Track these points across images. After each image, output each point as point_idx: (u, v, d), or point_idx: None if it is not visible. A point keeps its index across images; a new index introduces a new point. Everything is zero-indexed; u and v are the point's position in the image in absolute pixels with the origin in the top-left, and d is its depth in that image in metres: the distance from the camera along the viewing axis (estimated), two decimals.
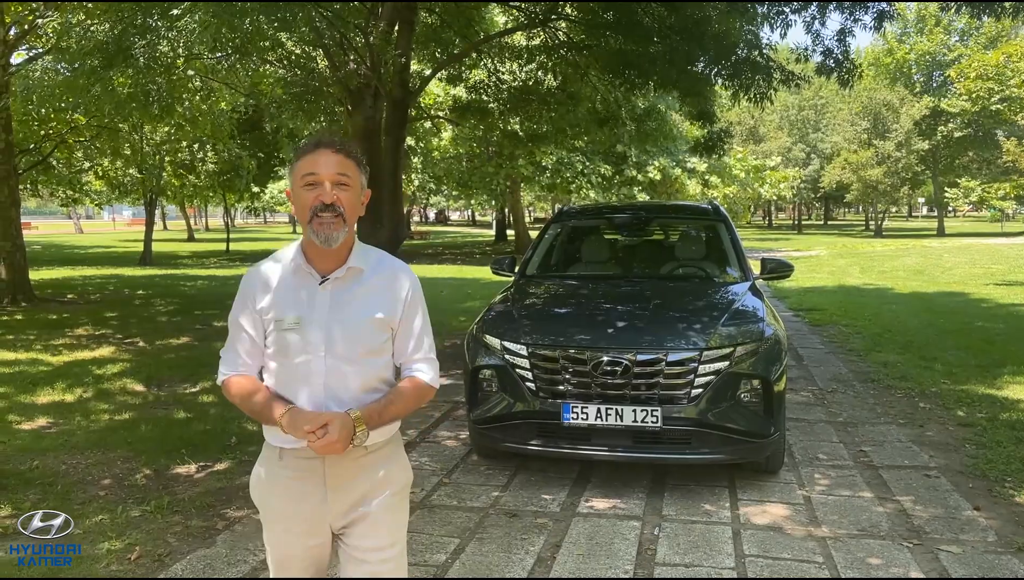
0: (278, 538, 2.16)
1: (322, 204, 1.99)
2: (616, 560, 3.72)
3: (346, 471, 2.08)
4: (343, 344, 2.05)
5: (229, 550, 3.84)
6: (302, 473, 2.08)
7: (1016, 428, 5.81)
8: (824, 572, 3.58)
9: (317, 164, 2.01)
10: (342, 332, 2.05)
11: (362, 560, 2.12)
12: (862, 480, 4.81)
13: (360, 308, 2.08)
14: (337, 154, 2.03)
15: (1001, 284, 16.95)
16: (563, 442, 4.54)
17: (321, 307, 2.06)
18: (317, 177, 2.01)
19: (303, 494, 2.09)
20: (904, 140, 46.79)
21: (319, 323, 2.04)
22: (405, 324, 2.15)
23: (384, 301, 2.11)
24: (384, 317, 2.10)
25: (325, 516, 2.10)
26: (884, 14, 8.76)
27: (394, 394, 2.11)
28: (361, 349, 2.07)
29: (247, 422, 6.14)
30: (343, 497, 2.10)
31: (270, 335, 2.09)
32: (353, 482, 2.10)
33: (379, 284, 2.12)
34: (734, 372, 4.46)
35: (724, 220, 6.35)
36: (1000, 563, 3.66)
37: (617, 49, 9.57)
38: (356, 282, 2.10)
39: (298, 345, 2.04)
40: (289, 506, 2.10)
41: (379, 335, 2.10)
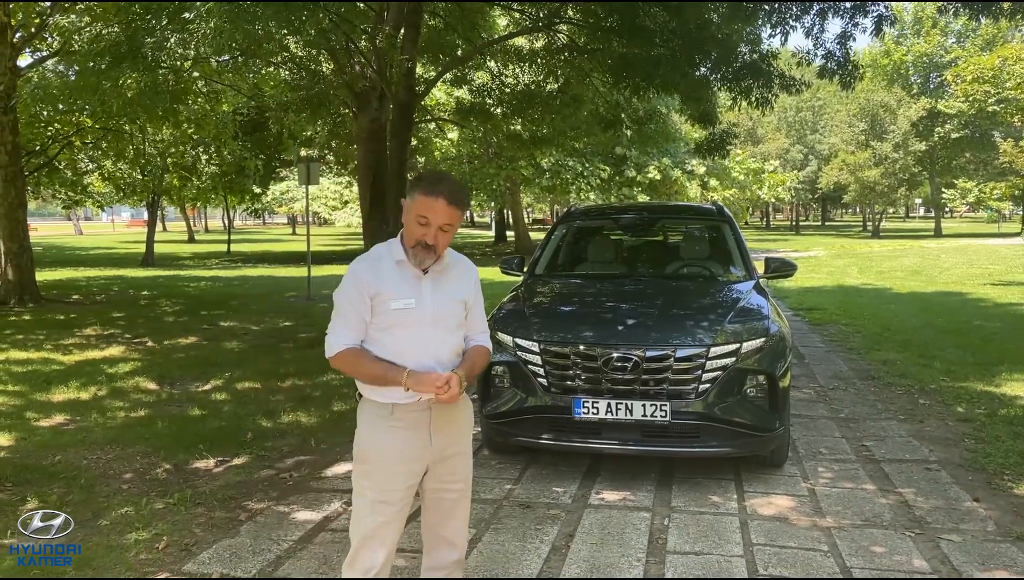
0: (384, 479, 2.62)
1: (426, 243, 2.53)
2: (628, 548, 3.85)
3: (444, 417, 2.66)
4: (442, 319, 2.62)
5: (253, 540, 3.96)
6: (412, 422, 2.61)
7: (1014, 423, 5.95)
8: (830, 560, 3.71)
9: (432, 210, 2.50)
10: (441, 310, 2.62)
11: (452, 490, 2.77)
12: (864, 473, 4.94)
13: (451, 292, 2.66)
14: (449, 207, 2.52)
15: (998, 284, 17.11)
16: (574, 436, 4.66)
17: (427, 291, 2.60)
18: (427, 222, 2.50)
19: (414, 438, 2.62)
20: (901, 141, 47.00)
21: (427, 304, 2.59)
22: (474, 304, 2.77)
23: (463, 286, 2.72)
24: (464, 298, 2.71)
25: (426, 455, 2.65)
26: (883, 18, 8.90)
27: (475, 357, 2.73)
28: (453, 323, 2.66)
29: (261, 419, 6.28)
30: (443, 437, 2.67)
31: (380, 314, 2.58)
32: (450, 425, 2.69)
33: (458, 273, 2.72)
34: (740, 368, 4.60)
35: (728, 220, 6.49)
36: (999, 551, 3.79)
37: (620, 53, 9.70)
38: (445, 272, 2.66)
39: (412, 321, 2.57)
40: (402, 449, 2.61)
41: (462, 312, 2.70)
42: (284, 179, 29.27)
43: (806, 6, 9.24)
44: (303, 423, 6.19)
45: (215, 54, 7.88)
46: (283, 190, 29.78)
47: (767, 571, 3.59)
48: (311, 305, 14.27)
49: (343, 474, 5.01)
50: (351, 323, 2.60)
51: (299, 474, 5.02)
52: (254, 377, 7.89)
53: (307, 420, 6.27)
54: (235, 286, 18.71)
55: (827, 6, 9.33)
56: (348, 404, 6.77)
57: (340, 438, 5.81)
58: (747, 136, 55.41)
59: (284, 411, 6.49)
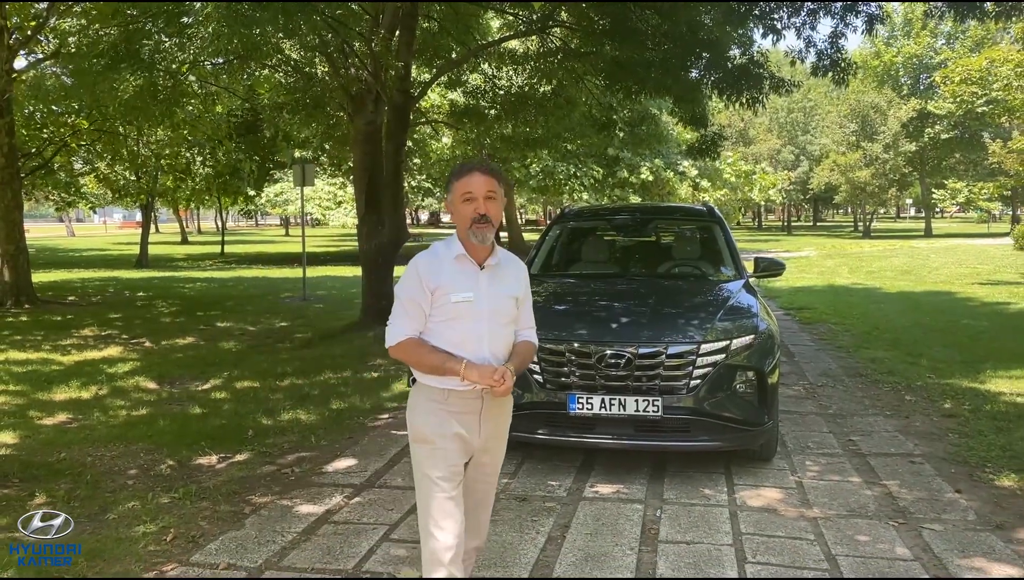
0: (445, 456, 2.76)
1: (479, 215, 2.67)
2: (622, 538, 3.98)
3: (493, 408, 2.83)
4: (497, 314, 2.77)
5: (258, 532, 4.08)
6: (466, 409, 2.76)
7: (997, 418, 6.11)
8: (815, 548, 3.85)
9: (472, 184, 2.68)
10: (497, 305, 2.77)
11: (489, 474, 3.00)
12: (851, 466, 5.09)
13: (505, 288, 2.81)
14: (485, 175, 2.69)
15: (986, 283, 17.32)
16: (569, 431, 4.79)
17: (484, 287, 2.74)
18: (472, 194, 2.67)
19: (466, 424, 2.78)
20: (892, 142, 47.33)
21: (485, 298, 2.73)
22: (524, 301, 2.92)
23: (516, 283, 2.86)
24: (516, 295, 2.84)
25: (475, 441, 2.81)
26: (874, 17, 9.06)
27: (524, 352, 2.88)
28: (507, 318, 2.81)
29: (261, 417, 6.38)
30: (490, 426, 2.85)
31: (440, 307, 2.70)
32: (497, 416, 2.87)
33: (511, 271, 2.87)
34: (730, 364, 4.74)
35: (719, 221, 6.63)
36: (979, 539, 3.94)
37: (612, 56, 9.84)
38: (499, 269, 2.81)
39: (470, 314, 2.71)
40: (456, 433, 2.76)
41: (514, 308, 2.85)
42: (279, 181, 29.31)
43: (796, 7, 9.39)
44: (303, 421, 6.30)
45: (212, 57, 7.96)
46: (277, 192, 29.83)
47: (755, 558, 3.73)
48: (306, 306, 14.37)
49: (343, 469, 5.13)
50: (412, 315, 2.73)
51: (300, 469, 5.13)
52: (252, 376, 7.99)
53: (307, 418, 6.38)
54: (230, 287, 18.78)
55: (818, 6, 9.49)
56: (346, 402, 6.88)
57: (339, 435, 5.94)
58: (739, 137, 55.68)
59: (284, 409, 6.60)
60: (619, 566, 3.67)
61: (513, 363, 2.78)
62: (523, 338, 2.92)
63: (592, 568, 3.65)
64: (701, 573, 3.59)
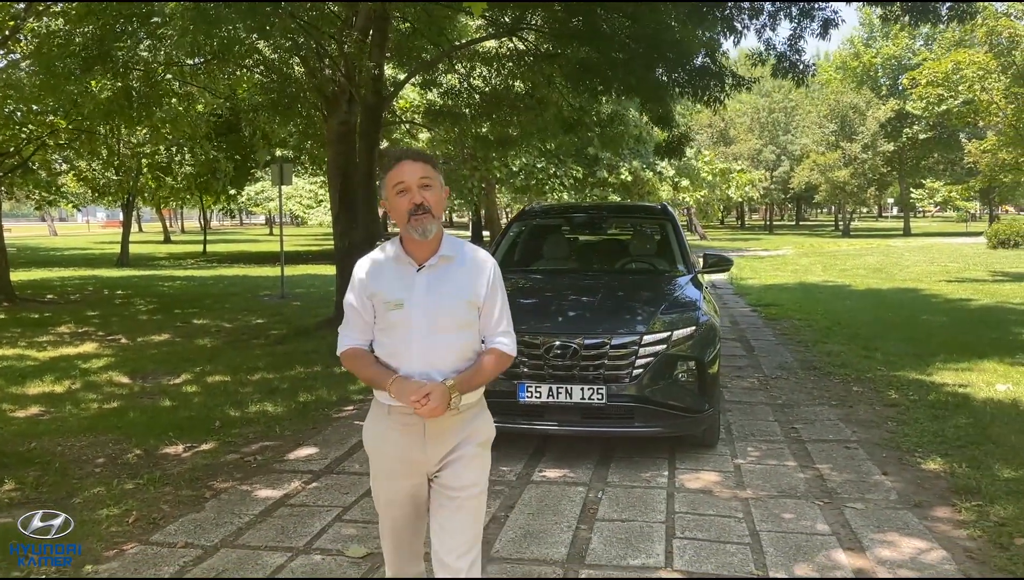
0: (386, 482, 2.59)
1: (414, 205, 2.42)
2: (562, 517, 4.22)
3: (441, 426, 2.47)
4: (439, 322, 2.45)
5: (217, 514, 4.29)
6: (407, 427, 2.49)
7: (935, 407, 6.39)
8: (741, 525, 4.09)
9: (403, 174, 2.45)
10: (437, 311, 2.45)
11: (452, 497, 2.52)
12: (789, 452, 5.35)
13: (452, 290, 2.48)
14: (416, 162, 2.47)
15: (953, 281, 17.70)
16: (519, 418, 5.03)
17: (419, 290, 2.46)
18: (405, 185, 2.44)
19: (407, 444, 2.50)
20: (870, 142, 47.86)
21: (418, 304, 2.45)
22: (489, 303, 2.53)
23: (471, 284, 2.51)
24: (471, 298, 2.49)
25: (423, 462, 2.51)
26: (829, 22, 9.34)
27: (483, 363, 2.52)
28: (455, 326, 2.47)
29: (230, 409, 6.58)
30: (438, 447, 2.50)
31: (379, 314, 2.51)
32: (447, 435, 2.50)
33: (468, 269, 2.52)
34: (671, 354, 4.99)
35: (671, 219, 6.89)
36: (896, 516, 4.20)
37: (580, 57, 10.08)
38: (447, 267, 2.50)
39: (402, 323, 2.45)
40: (396, 453, 2.53)
41: (469, 313, 2.50)
42: (259, 180, 29.43)
43: (756, 10, 9.66)
44: (269, 412, 6.50)
45: (186, 57, 8.13)
46: (258, 190, 29.92)
47: (683, 534, 3.97)
48: (284, 303, 14.54)
49: (304, 457, 5.34)
50: (353, 323, 2.56)
51: (263, 457, 5.34)
52: (224, 371, 8.18)
53: (273, 410, 6.58)
54: (210, 285, 18.91)
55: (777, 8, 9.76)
56: (314, 395, 7.08)
57: (304, 425, 6.15)
58: (719, 137, 56.11)
59: (252, 402, 6.80)
60: (555, 542, 3.91)
61: (461, 378, 2.44)
62: (492, 345, 2.56)
63: (530, 544, 3.89)
64: (631, 547, 3.83)
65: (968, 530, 4.00)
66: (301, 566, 3.66)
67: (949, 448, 5.31)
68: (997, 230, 30.06)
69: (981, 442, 5.37)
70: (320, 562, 3.71)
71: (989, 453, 5.13)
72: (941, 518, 4.17)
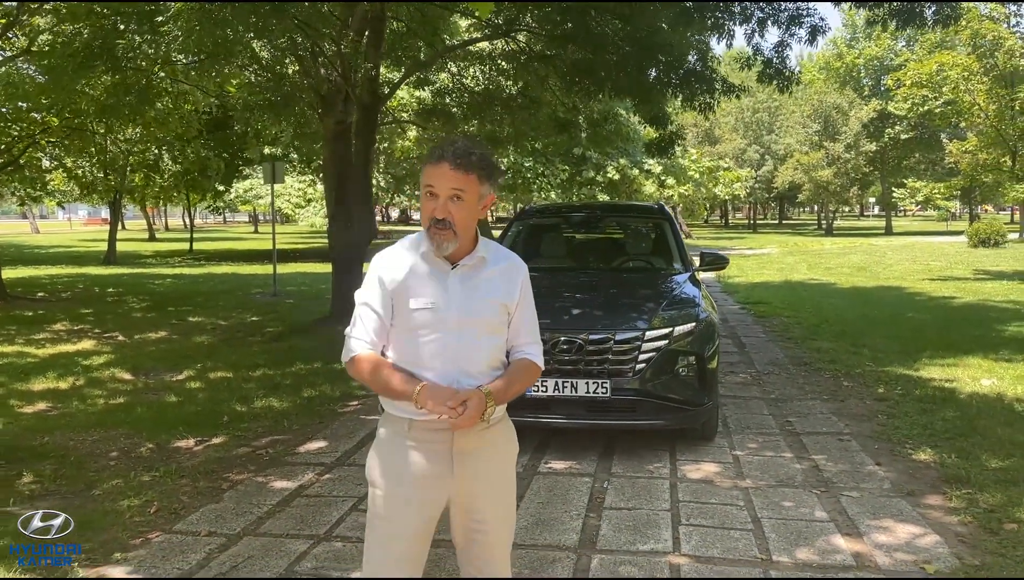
0: (396, 508, 2.28)
1: (436, 219, 2.21)
2: (571, 506, 4.38)
3: (470, 441, 2.26)
4: (471, 324, 2.25)
5: (236, 504, 4.42)
6: (432, 444, 2.25)
7: (923, 401, 6.60)
8: (744, 513, 4.27)
9: (436, 177, 2.20)
10: (471, 314, 2.26)
11: (486, 531, 2.36)
12: (785, 444, 5.54)
13: (486, 292, 2.29)
14: (455, 170, 2.19)
15: (936, 279, 18.03)
16: (526, 411, 5.16)
17: (453, 291, 2.26)
18: (434, 190, 2.21)
19: (432, 463, 2.26)
20: (853, 142, 48.43)
21: (453, 305, 2.24)
22: (520, 309, 2.36)
23: (504, 288, 2.33)
24: (504, 301, 2.32)
25: (448, 484, 2.28)
26: (817, 29, 9.55)
27: (516, 373, 2.33)
28: (487, 329, 2.28)
29: (236, 404, 6.69)
30: (467, 466, 2.28)
31: (400, 315, 2.26)
32: (476, 452, 2.29)
33: (500, 272, 2.33)
34: (673, 350, 5.16)
35: (668, 218, 7.07)
36: (890, 504, 4.39)
37: (574, 59, 10.24)
38: (481, 269, 2.30)
39: (433, 325, 2.23)
40: (417, 475, 2.26)
41: (501, 317, 2.32)
42: (248, 177, 29.39)
43: (746, 15, 9.85)
44: (275, 407, 6.61)
45: (185, 56, 8.21)
46: (247, 188, 29.91)
47: (689, 521, 4.14)
48: (277, 301, 14.61)
49: (315, 450, 5.47)
50: (369, 325, 2.27)
51: (274, 451, 5.46)
52: (225, 368, 8.28)
53: (279, 405, 6.69)
54: (200, 283, 18.93)
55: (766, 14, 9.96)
56: (317, 390, 7.20)
57: (310, 420, 6.27)
58: (704, 136, 56.53)
59: (257, 397, 6.90)
60: (566, 529, 4.07)
61: (497, 386, 2.23)
62: (521, 356, 2.37)
63: (542, 531, 4.04)
64: (639, 534, 3.99)
65: (959, 516, 4.19)
66: (324, 552, 3.80)
67: (938, 440, 5.51)
68: (978, 229, 30.52)
69: (969, 434, 5.58)
70: (342, 548, 3.85)
71: (977, 444, 5.34)
72: (933, 505, 4.36)
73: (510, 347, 2.38)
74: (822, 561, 3.69)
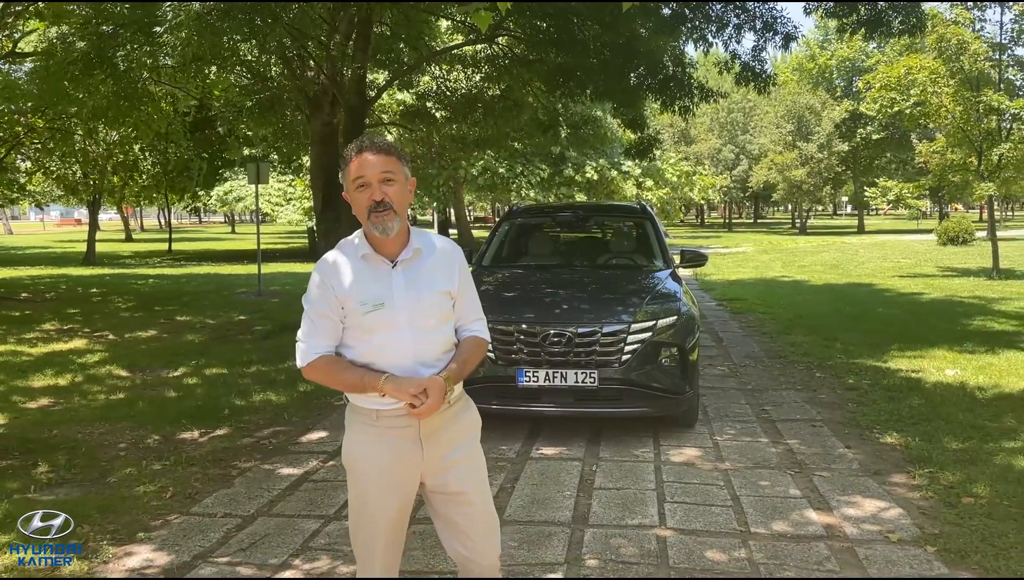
0: (377, 496, 2.42)
1: (374, 202, 2.31)
2: (563, 487, 4.68)
3: (435, 423, 2.40)
4: (422, 316, 2.37)
5: (247, 489, 4.67)
6: (399, 430, 2.39)
7: (891, 390, 6.98)
8: (724, 492, 4.59)
9: (363, 167, 2.32)
10: (420, 306, 2.37)
11: (461, 501, 2.49)
12: (761, 430, 5.88)
13: (429, 283, 2.41)
14: (378, 155, 2.32)
15: (905, 276, 18.57)
16: (518, 401, 5.48)
17: (398, 287, 2.37)
18: (365, 179, 2.31)
19: (402, 448, 2.40)
20: (826, 142, 49.26)
21: (400, 301, 2.36)
22: (462, 291, 2.50)
23: (445, 275, 2.45)
24: (448, 289, 2.45)
25: (419, 466, 2.42)
26: (790, 36, 9.95)
27: (467, 351, 2.48)
28: (435, 318, 2.41)
29: (234, 398, 6.92)
30: (435, 447, 2.42)
31: (351, 317, 2.36)
32: (442, 432, 2.44)
33: (437, 261, 2.45)
34: (656, 341, 5.48)
35: (650, 218, 7.40)
36: (858, 482, 4.73)
37: (556, 63, 10.56)
38: (419, 261, 2.42)
39: (384, 323, 2.34)
40: (390, 461, 2.40)
41: (447, 304, 2.45)
42: (228, 179, 29.43)
43: (722, 23, 10.23)
44: (273, 401, 6.86)
45: (181, 63, 8.41)
46: (227, 190, 29.94)
47: (673, 499, 4.46)
48: (263, 301, 14.78)
49: (316, 440, 5.73)
50: (321, 329, 2.37)
51: (277, 441, 5.71)
52: (220, 364, 8.49)
53: (277, 398, 6.94)
54: (183, 283, 19.03)
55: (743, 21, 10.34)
56: (312, 385, 7.42)
57: (309, 413, 6.52)
58: (680, 136, 57.17)
59: (254, 392, 7.14)
60: (560, 507, 4.37)
61: (452, 369, 2.38)
62: (468, 334, 2.54)
63: (538, 509, 4.34)
64: (628, 510, 4.30)
65: (921, 492, 4.54)
66: (335, 530, 4.07)
67: (904, 425, 5.88)
68: (947, 228, 31.28)
69: (932, 419, 5.96)
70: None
71: (939, 429, 5.71)
72: (898, 483, 4.72)
73: (457, 326, 2.52)
74: (796, 532, 4.01)
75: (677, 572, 3.59)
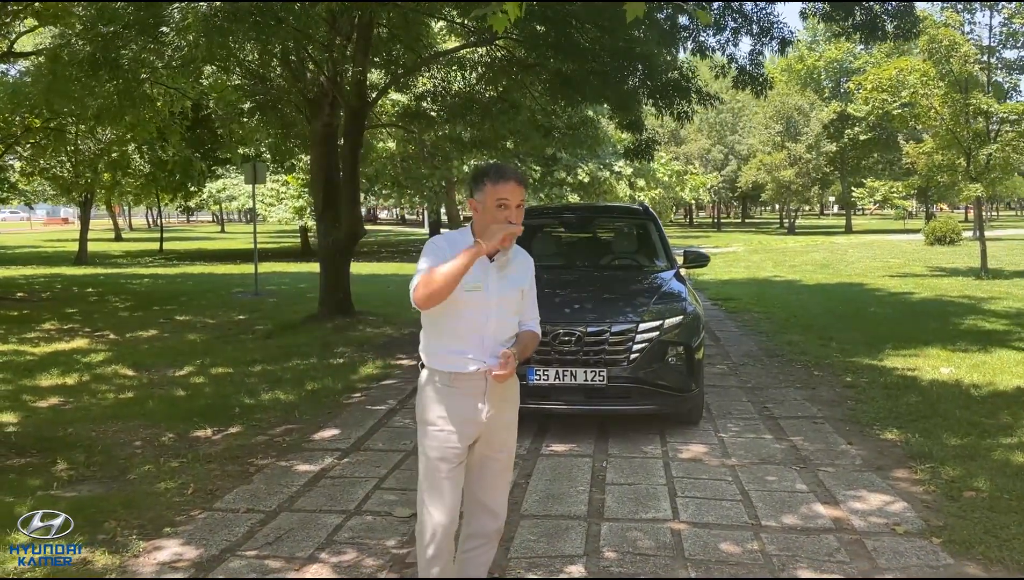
0: (445, 438, 2.88)
1: (510, 222, 2.80)
2: (576, 483, 4.80)
3: (497, 390, 2.91)
4: (503, 304, 2.90)
5: (266, 485, 4.76)
6: (470, 391, 2.88)
7: (888, 388, 7.14)
8: (732, 487, 4.72)
9: (509, 192, 2.80)
10: (504, 296, 2.90)
11: (496, 459, 3.04)
12: (764, 427, 6.01)
13: (513, 280, 2.95)
14: (520, 186, 2.83)
15: (895, 276, 18.80)
16: (529, 399, 5.50)
17: (493, 278, 2.88)
18: (508, 203, 2.80)
19: (470, 404, 2.88)
20: (814, 142, 49.62)
21: (494, 288, 2.87)
22: (529, 292, 3.04)
23: (523, 276, 3.00)
24: (522, 287, 2.98)
25: (479, 422, 2.90)
26: (786, 41, 10.10)
27: (527, 340, 3.03)
28: (511, 308, 2.95)
29: (243, 397, 6.99)
30: (494, 409, 2.92)
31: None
32: (500, 398, 2.95)
33: (518, 264, 3.00)
34: (663, 340, 5.61)
35: (653, 219, 7.53)
36: (862, 478, 4.87)
37: (556, 68, 10.66)
38: (508, 261, 2.94)
39: (477, 305, 2.84)
40: (459, 411, 2.88)
41: (520, 300, 2.98)
42: (221, 177, 29.40)
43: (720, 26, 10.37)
44: (283, 399, 6.94)
45: (185, 65, 8.47)
46: (219, 188, 29.91)
47: (684, 494, 4.59)
48: (260, 300, 14.83)
49: (329, 438, 5.83)
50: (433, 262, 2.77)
51: (290, 438, 5.80)
52: (225, 364, 8.56)
53: (285, 397, 7.02)
54: (179, 283, 19.04)
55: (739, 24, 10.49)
56: (320, 383, 7.53)
57: (319, 411, 6.61)
58: (670, 137, 57.42)
59: (262, 391, 7.22)
60: (575, 501, 4.49)
61: (520, 348, 2.91)
62: (527, 328, 3.03)
63: (553, 504, 4.46)
64: (641, 505, 4.42)
65: (924, 486, 4.69)
66: (357, 524, 4.17)
67: (903, 422, 6.03)
68: (934, 228, 31.61)
69: (931, 416, 6.11)
70: (372, 521, 4.22)
71: (938, 425, 5.87)
72: (900, 478, 4.86)
73: (520, 320, 3.03)
74: (805, 525, 4.14)
75: (693, 564, 3.72)
